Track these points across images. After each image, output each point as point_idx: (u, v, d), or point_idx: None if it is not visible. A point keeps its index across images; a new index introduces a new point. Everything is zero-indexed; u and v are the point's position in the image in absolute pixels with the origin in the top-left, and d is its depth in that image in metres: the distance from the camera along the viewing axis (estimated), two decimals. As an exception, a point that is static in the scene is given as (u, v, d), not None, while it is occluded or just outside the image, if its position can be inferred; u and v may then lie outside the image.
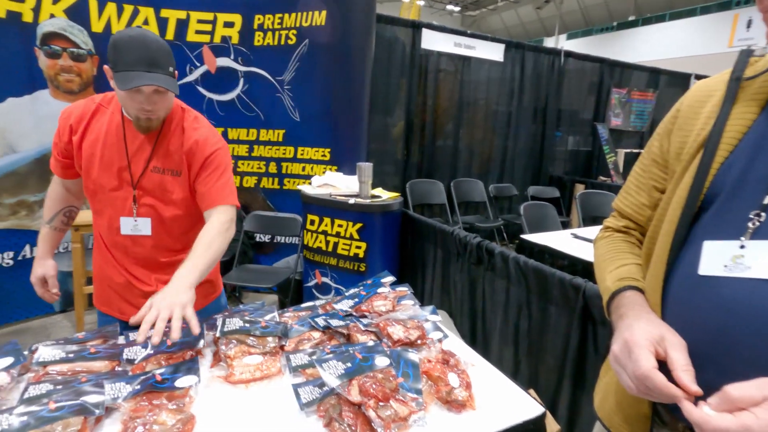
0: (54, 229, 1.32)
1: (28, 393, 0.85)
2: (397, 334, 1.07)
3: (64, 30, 2.58)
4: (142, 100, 1.10)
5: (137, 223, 1.23)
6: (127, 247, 1.27)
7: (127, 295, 1.30)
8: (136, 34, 1.08)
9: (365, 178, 2.37)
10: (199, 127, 1.27)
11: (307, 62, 2.95)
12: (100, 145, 1.19)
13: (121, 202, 1.23)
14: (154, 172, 1.23)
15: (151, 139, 1.22)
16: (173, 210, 1.27)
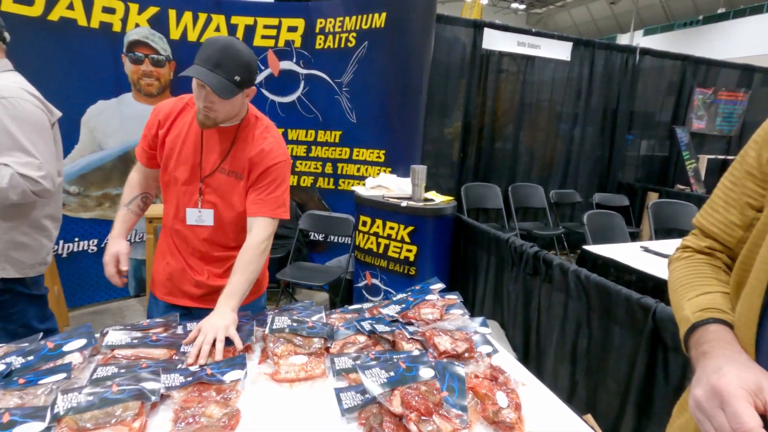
0: (131, 211, 1.38)
1: (96, 374, 0.92)
2: (443, 345, 1.04)
3: (147, 38, 2.81)
4: (200, 95, 1.16)
5: (201, 214, 1.32)
6: (187, 237, 1.35)
7: (181, 281, 1.38)
8: (224, 38, 1.16)
9: (419, 181, 2.34)
10: (268, 137, 1.33)
11: (365, 64, 2.97)
12: (180, 141, 1.29)
13: (189, 195, 1.31)
14: (220, 172, 1.31)
15: (226, 141, 1.30)
16: (231, 210, 1.33)
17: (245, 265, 1.23)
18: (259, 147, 1.30)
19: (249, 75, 1.18)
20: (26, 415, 0.78)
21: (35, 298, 1.50)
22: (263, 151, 1.30)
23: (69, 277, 2.83)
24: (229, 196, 1.33)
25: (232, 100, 1.18)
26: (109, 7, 2.65)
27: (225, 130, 1.29)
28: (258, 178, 1.30)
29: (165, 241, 1.41)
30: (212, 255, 1.37)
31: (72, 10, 2.55)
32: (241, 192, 1.32)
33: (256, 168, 1.30)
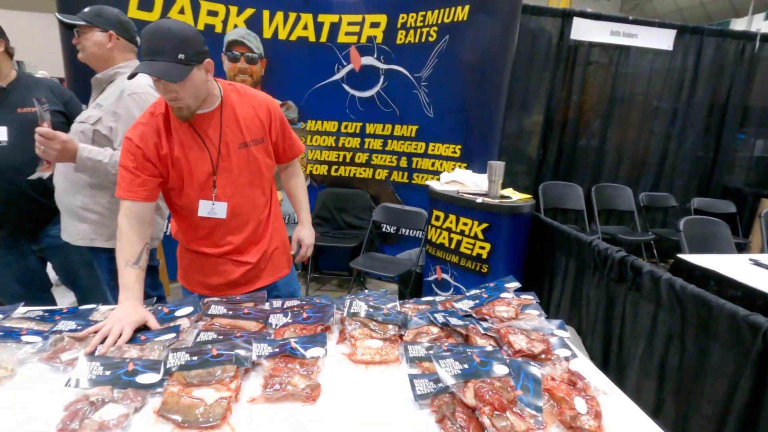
0: (141, 268, 1.20)
1: (199, 338, 1.04)
2: (519, 343, 1.02)
3: (243, 37, 3.05)
4: (161, 89, 1.14)
5: (214, 207, 1.31)
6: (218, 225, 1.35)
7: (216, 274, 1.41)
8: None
9: (495, 177, 2.29)
10: (256, 93, 1.36)
11: (445, 58, 2.96)
12: (174, 154, 1.24)
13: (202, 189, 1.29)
14: (241, 148, 1.30)
15: (215, 124, 1.26)
16: (259, 181, 1.37)
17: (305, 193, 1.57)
18: (264, 105, 1.34)
19: (193, 49, 1.11)
20: (146, 367, 0.91)
21: (149, 269, 1.70)
22: (269, 106, 1.35)
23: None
24: (254, 168, 1.34)
25: (192, 80, 1.13)
26: (213, 10, 2.91)
27: (211, 114, 1.25)
28: (280, 128, 1.39)
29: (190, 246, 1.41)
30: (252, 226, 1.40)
31: (183, 14, 2.84)
32: (265, 154, 1.36)
33: (273, 121, 1.36)
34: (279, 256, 1.50)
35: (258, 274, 1.45)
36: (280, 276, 1.52)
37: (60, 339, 1.01)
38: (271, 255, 1.47)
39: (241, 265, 1.41)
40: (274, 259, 1.49)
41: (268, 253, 1.46)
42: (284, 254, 1.54)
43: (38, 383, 0.91)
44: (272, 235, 1.47)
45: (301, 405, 0.87)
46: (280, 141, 1.41)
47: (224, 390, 0.86)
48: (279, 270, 1.52)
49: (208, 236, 1.37)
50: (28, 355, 0.96)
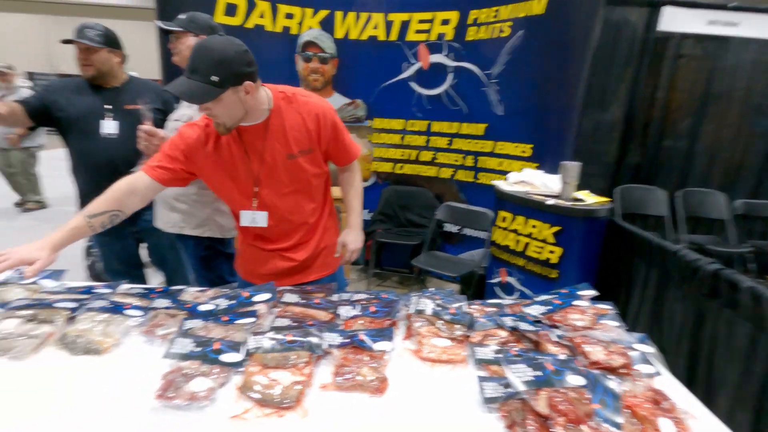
0: (89, 225, 1.17)
1: (275, 323, 1.10)
2: (596, 355, 0.97)
3: (317, 38, 3.16)
4: (200, 106, 1.17)
5: (255, 216, 1.36)
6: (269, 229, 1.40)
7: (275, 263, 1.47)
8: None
9: (570, 179, 2.18)
10: (308, 100, 1.34)
11: (519, 54, 2.85)
12: (219, 163, 1.30)
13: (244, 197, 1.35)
14: (289, 159, 1.31)
15: (267, 135, 1.29)
16: (306, 188, 1.38)
17: (359, 197, 1.57)
18: (313, 113, 1.32)
19: (230, 71, 1.12)
20: (229, 347, 0.98)
21: (228, 256, 1.85)
22: (318, 115, 1.32)
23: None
24: (301, 178, 1.35)
25: (223, 101, 1.14)
26: (289, 12, 3.06)
27: (258, 127, 1.28)
28: (332, 135, 1.37)
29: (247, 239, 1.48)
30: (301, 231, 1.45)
31: (262, 18, 3.01)
32: (313, 164, 1.37)
33: (322, 130, 1.34)
34: (327, 255, 1.53)
35: (304, 270, 1.49)
36: (326, 274, 1.55)
37: (156, 315, 1.12)
38: (320, 254, 1.51)
39: (289, 261, 1.46)
40: (322, 257, 1.52)
41: (316, 252, 1.50)
42: (333, 253, 1.55)
43: (138, 353, 1.01)
44: (322, 235, 1.50)
45: (368, 396, 0.90)
46: (332, 148, 1.40)
47: (298, 374, 0.91)
48: (326, 268, 1.54)
49: (257, 236, 1.44)
50: (130, 328, 1.08)
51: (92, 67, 1.83)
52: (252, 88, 1.18)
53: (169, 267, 2.19)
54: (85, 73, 1.85)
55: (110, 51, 1.86)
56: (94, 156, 1.88)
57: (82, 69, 1.85)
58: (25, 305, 1.10)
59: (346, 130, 1.44)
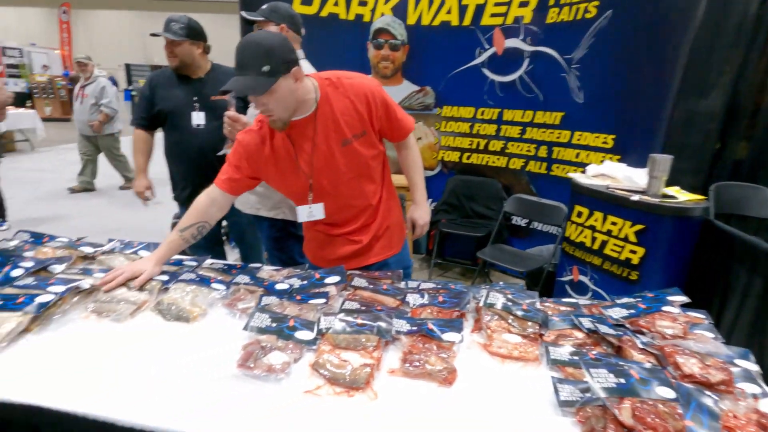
0: (182, 238, 1.30)
1: (344, 306, 1.13)
2: (690, 367, 0.88)
3: (388, 25, 3.15)
4: (254, 105, 1.19)
5: (311, 210, 1.38)
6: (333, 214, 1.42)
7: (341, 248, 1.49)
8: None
9: (659, 173, 1.98)
10: (353, 81, 1.32)
11: (604, 37, 2.63)
12: (278, 162, 1.33)
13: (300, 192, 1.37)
14: (344, 146, 1.31)
15: (311, 128, 1.29)
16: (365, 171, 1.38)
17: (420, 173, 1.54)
18: (361, 92, 1.30)
19: (279, 59, 1.13)
20: (303, 325, 1.02)
21: (299, 238, 1.92)
22: (367, 94, 1.31)
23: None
24: (359, 163, 1.35)
25: (278, 91, 1.15)
26: (363, 0, 3.07)
27: (307, 120, 1.28)
28: (383, 113, 1.35)
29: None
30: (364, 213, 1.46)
31: (336, 6, 3.06)
32: (369, 146, 1.35)
33: (373, 109, 1.32)
34: (391, 235, 1.53)
35: (368, 251, 1.50)
36: (392, 254, 1.55)
37: (237, 290, 1.20)
38: (383, 234, 1.51)
39: (354, 243, 1.48)
40: (386, 237, 1.52)
41: (380, 233, 1.50)
42: (397, 233, 1.56)
43: (221, 323, 1.09)
44: (384, 215, 1.50)
45: (436, 386, 0.89)
46: (386, 125, 1.39)
47: (368, 357, 0.93)
48: (390, 248, 1.54)
49: (322, 223, 1.46)
50: (215, 300, 1.17)
51: (176, 59, 1.99)
52: (300, 74, 1.20)
53: (246, 244, 2.34)
54: (171, 63, 2.02)
55: (192, 43, 1.99)
56: (186, 146, 2.06)
57: (169, 60, 2.02)
58: (127, 273, 1.23)
59: (396, 104, 1.42)
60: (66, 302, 1.10)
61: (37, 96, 12.30)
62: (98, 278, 1.21)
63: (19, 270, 1.17)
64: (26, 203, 4.95)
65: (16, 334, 0.97)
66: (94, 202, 5.22)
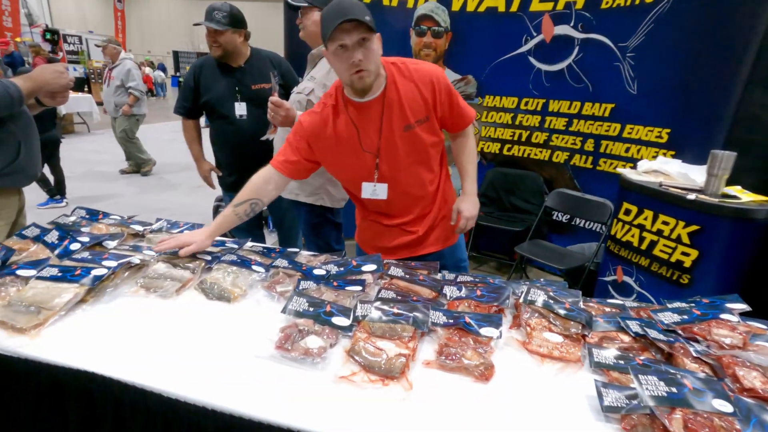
0: (235, 214, 1.34)
1: (381, 294, 1.13)
2: (750, 381, 0.81)
3: (432, 11, 3.08)
4: (349, 54, 1.16)
5: (375, 188, 1.37)
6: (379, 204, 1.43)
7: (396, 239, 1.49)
8: (332, 3, 1.18)
9: (720, 171, 1.85)
10: (418, 67, 1.32)
11: (664, 23, 2.46)
12: (340, 144, 1.33)
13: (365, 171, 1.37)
14: (407, 131, 1.31)
15: (377, 111, 1.29)
16: (425, 159, 1.38)
17: (473, 162, 1.49)
18: (426, 78, 1.30)
19: (371, 16, 1.17)
20: (339, 311, 1.03)
21: (336, 225, 1.94)
22: (432, 80, 1.30)
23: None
24: (419, 149, 1.34)
25: (372, 47, 1.19)
26: (407, -15, 3.01)
27: (376, 101, 1.29)
28: (446, 100, 1.34)
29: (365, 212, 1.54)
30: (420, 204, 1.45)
31: (380, -9, 3.01)
32: (430, 132, 1.35)
33: (437, 96, 1.31)
34: (446, 227, 1.50)
35: (423, 242, 1.49)
36: (447, 245, 1.54)
37: (276, 273, 1.22)
38: (438, 225, 1.49)
39: (409, 234, 1.47)
40: (441, 228, 1.50)
41: (436, 223, 1.49)
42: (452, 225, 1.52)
43: (260, 305, 1.12)
44: (440, 206, 1.49)
45: (472, 381, 0.88)
46: (447, 114, 1.37)
47: (403, 347, 0.92)
48: (446, 239, 1.53)
49: (377, 213, 1.47)
50: (255, 282, 1.19)
51: (220, 48, 2.03)
52: (380, 40, 1.23)
53: (285, 228, 2.39)
54: (214, 53, 2.06)
55: (234, 31, 2.02)
56: (230, 135, 2.13)
57: (212, 50, 2.06)
58: (171, 253, 1.28)
59: (458, 93, 1.41)
60: (118, 276, 1.16)
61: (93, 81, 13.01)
62: (147, 255, 1.26)
63: (76, 244, 1.25)
64: (82, 182, 5.27)
65: (74, 304, 1.03)
66: (143, 182, 5.49)
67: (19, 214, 1.58)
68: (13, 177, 1.44)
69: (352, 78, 1.21)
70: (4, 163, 1.39)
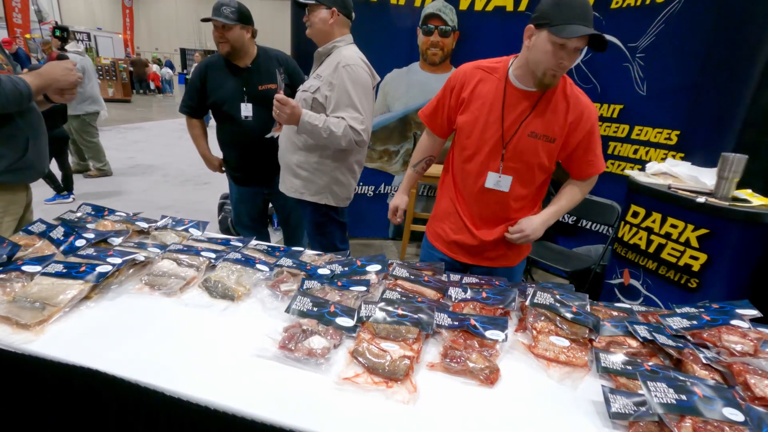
0: (416, 172, 1.59)
1: (385, 295, 1.12)
2: (761, 389, 0.80)
3: (439, 10, 3.06)
4: (564, 55, 1.16)
5: (500, 180, 1.35)
6: (477, 198, 1.41)
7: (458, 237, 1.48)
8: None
9: (730, 174, 1.82)
10: (581, 95, 1.32)
11: (675, 23, 2.43)
12: (484, 109, 1.33)
13: (490, 159, 1.35)
14: (530, 137, 1.30)
15: (530, 105, 1.29)
16: (530, 174, 1.35)
17: (570, 201, 1.42)
18: (579, 109, 1.29)
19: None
20: (343, 311, 1.02)
21: (341, 225, 1.94)
22: (584, 113, 1.29)
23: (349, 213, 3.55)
24: (534, 160, 1.33)
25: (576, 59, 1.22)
26: (414, -16, 3.00)
27: (531, 93, 1.29)
28: (584, 136, 1.31)
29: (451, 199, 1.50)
30: (498, 216, 1.42)
31: (387, -11, 3.00)
32: (549, 156, 1.33)
33: (579, 128, 1.30)
34: (511, 248, 1.47)
35: (486, 252, 1.47)
36: (507, 264, 1.51)
37: (280, 272, 1.22)
38: (505, 244, 1.45)
39: (475, 239, 1.44)
40: (506, 244, 1.45)
41: (503, 238, 1.44)
42: (517, 248, 1.49)
43: (264, 304, 1.11)
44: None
45: (477, 384, 0.87)
46: (581, 153, 1.35)
47: (408, 349, 0.91)
48: (507, 259, 1.50)
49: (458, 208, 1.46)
50: (259, 281, 1.19)
51: (227, 44, 2.01)
52: None
53: (291, 225, 2.39)
54: (222, 50, 2.05)
55: (242, 27, 2.01)
56: (236, 136, 2.14)
57: (219, 46, 2.04)
58: (178, 250, 1.27)
59: (601, 142, 1.39)
60: (122, 273, 1.16)
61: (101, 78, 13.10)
62: (152, 252, 1.26)
63: (81, 240, 1.25)
64: (89, 178, 5.30)
65: (78, 300, 1.03)
66: (149, 179, 5.52)
67: (26, 210, 1.59)
68: (21, 173, 1.45)
69: (547, 72, 1.21)
70: (13, 160, 1.40)
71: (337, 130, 1.62)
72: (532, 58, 1.22)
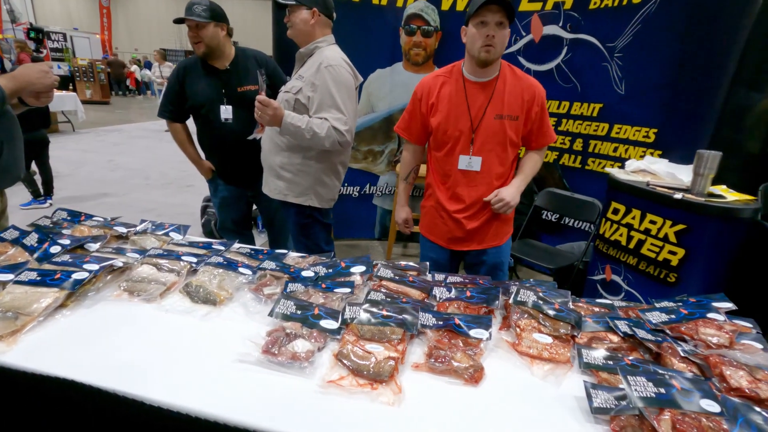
0: (408, 183, 1.80)
1: (370, 296, 1.12)
2: (737, 380, 0.82)
3: (422, 10, 3.07)
4: (488, 30, 1.37)
5: (471, 161, 1.54)
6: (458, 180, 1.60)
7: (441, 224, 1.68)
8: None
9: (705, 170, 1.87)
10: (528, 77, 1.55)
11: (651, 24, 2.48)
12: (452, 106, 1.53)
13: (463, 146, 1.54)
14: (497, 119, 1.50)
15: (488, 93, 1.50)
16: (501, 151, 1.54)
17: (533, 169, 1.64)
18: (531, 87, 1.52)
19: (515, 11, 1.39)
20: (327, 314, 1.01)
21: (325, 226, 1.92)
22: (536, 90, 1.52)
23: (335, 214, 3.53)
24: (503, 139, 1.52)
25: (506, 35, 1.42)
26: (396, -16, 3.00)
27: (487, 83, 1.50)
28: (539, 112, 1.54)
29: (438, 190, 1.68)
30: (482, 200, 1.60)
31: (370, -10, 2.99)
32: (516, 132, 1.53)
33: (534, 106, 1.52)
34: (499, 226, 1.67)
35: (476, 237, 1.65)
36: (495, 244, 1.69)
37: (263, 275, 1.20)
38: (493, 223, 1.64)
39: (462, 228, 1.63)
40: (494, 228, 1.65)
41: (490, 221, 1.64)
42: (503, 227, 1.69)
43: (247, 308, 1.10)
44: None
45: (462, 383, 0.87)
46: (535, 127, 1.57)
47: (392, 350, 0.91)
48: (496, 239, 1.68)
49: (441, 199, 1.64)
50: (242, 284, 1.17)
51: (202, 44, 1.98)
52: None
53: (275, 227, 2.36)
54: (198, 50, 2.01)
55: (216, 25, 1.98)
56: (216, 139, 2.11)
57: (195, 47, 2.01)
58: (158, 254, 1.25)
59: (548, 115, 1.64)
60: (100, 280, 1.13)
61: (78, 79, 12.79)
62: (131, 257, 1.23)
63: (56, 247, 1.21)
64: (66, 182, 5.17)
65: (53, 309, 1.00)
66: (131, 183, 5.41)
67: (0, 216, 1.54)
68: (-7, 178, 1.40)
69: (480, 50, 1.40)
70: (-16, 164, 1.35)
71: (320, 131, 1.61)
72: (469, 46, 1.45)
